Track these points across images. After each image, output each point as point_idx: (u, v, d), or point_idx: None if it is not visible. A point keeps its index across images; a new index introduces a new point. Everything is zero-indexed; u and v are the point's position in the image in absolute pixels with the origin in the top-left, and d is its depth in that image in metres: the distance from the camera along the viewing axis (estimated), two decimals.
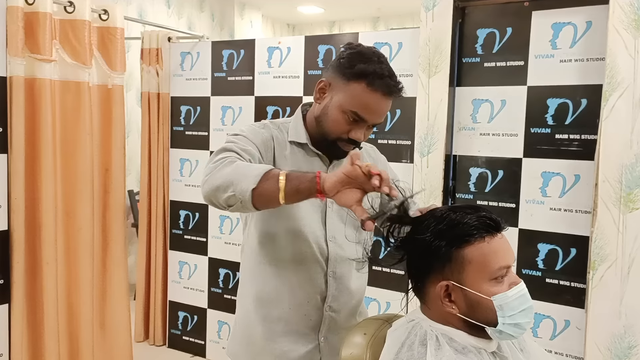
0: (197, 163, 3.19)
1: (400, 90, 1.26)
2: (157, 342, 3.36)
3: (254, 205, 1.10)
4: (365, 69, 1.22)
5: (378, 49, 1.30)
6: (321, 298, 1.38)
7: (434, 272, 1.04)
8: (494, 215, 1.03)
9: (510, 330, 1.00)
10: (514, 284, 1.02)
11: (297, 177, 1.09)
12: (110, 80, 2.56)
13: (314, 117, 1.34)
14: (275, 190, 1.08)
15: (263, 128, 1.35)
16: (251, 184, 1.08)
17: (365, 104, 1.24)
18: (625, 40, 2.02)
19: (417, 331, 1.04)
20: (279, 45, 2.86)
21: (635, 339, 2.05)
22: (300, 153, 1.36)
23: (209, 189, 1.14)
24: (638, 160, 2.02)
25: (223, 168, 1.14)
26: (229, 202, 1.12)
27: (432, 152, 2.45)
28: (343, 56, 1.28)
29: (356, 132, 1.28)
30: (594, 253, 2.10)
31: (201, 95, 3.14)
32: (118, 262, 2.69)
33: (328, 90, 1.30)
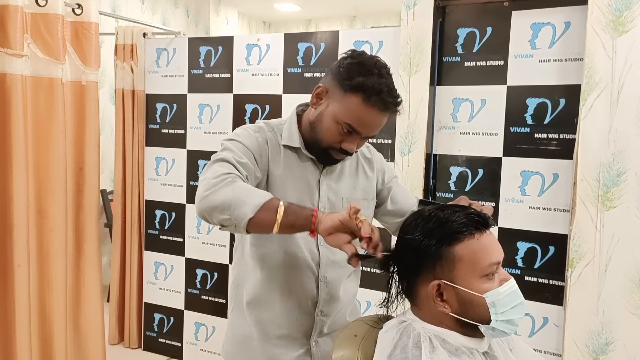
0: (173, 162, 3.13)
1: (397, 105, 1.25)
2: (132, 345, 3.28)
3: (247, 231, 1.12)
4: (364, 83, 1.19)
5: (381, 60, 1.27)
6: (312, 303, 1.37)
7: (425, 272, 1.03)
8: (481, 213, 1.03)
9: (503, 327, 1.00)
10: (505, 281, 1.02)
11: (295, 213, 1.11)
12: (85, 76, 2.49)
13: (309, 121, 1.32)
14: (272, 221, 1.10)
15: (258, 132, 1.33)
16: (249, 212, 1.09)
17: (360, 118, 1.22)
18: (603, 40, 2.05)
19: (409, 332, 1.03)
20: (257, 43, 2.82)
21: (612, 335, 2.09)
22: (294, 157, 1.34)
23: (205, 207, 1.13)
24: (615, 159, 2.05)
25: (223, 188, 1.12)
26: (223, 223, 1.12)
27: (412, 151, 2.45)
28: (343, 65, 1.25)
29: (349, 143, 1.26)
30: (572, 251, 2.13)
31: (177, 92, 3.08)
32: (92, 263, 2.62)
33: (325, 97, 1.28)
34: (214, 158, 1.23)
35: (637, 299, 2.05)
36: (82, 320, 2.66)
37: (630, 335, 2.06)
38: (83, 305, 2.64)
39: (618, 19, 2.02)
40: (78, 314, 2.64)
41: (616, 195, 2.06)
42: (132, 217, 3.23)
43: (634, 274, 2.05)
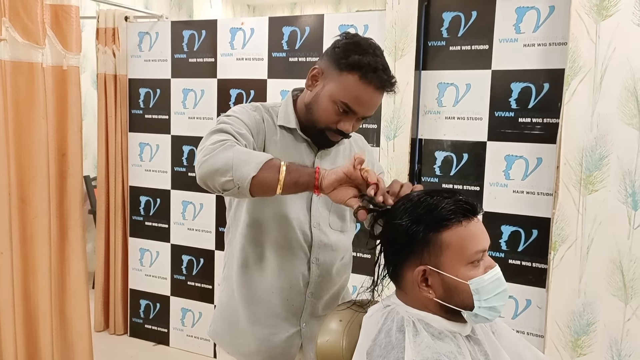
0: (157, 147, 3.10)
1: (393, 85, 1.25)
2: (118, 331, 3.28)
3: (251, 192, 1.11)
4: (360, 61, 1.20)
5: (375, 41, 1.27)
6: (303, 284, 1.38)
7: (411, 257, 1.03)
8: (470, 199, 1.03)
9: (486, 314, 1.00)
10: (489, 268, 1.02)
11: (297, 170, 1.11)
12: (66, 61, 2.43)
13: (304, 104, 1.33)
14: (275, 180, 1.09)
15: (255, 111, 1.34)
16: (252, 171, 1.09)
17: (357, 96, 1.22)
18: (587, 25, 2.05)
19: (393, 317, 1.03)
20: (241, 27, 2.79)
21: (594, 316, 2.13)
22: (289, 138, 1.35)
23: (206, 171, 1.12)
24: (598, 143, 2.08)
25: (223, 151, 1.12)
26: (225, 187, 1.11)
27: (398, 135, 2.45)
28: (338, 45, 1.25)
29: (345, 123, 1.27)
30: (555, 234, 2.16)
31: (161, 77, 3.04)
32: (76, 250, 2.59)
33: (320, 78, 1.28)
34: (213, 129, 1.23)
35: (617, 280, 2.08)
36: (68, 308, 2.63)
37: (611, 316, 2.10)
38: (68, 292, 2.62)
39: (602, 3, 2.02)
40: (63, 302, 2.62)
41: (598, 178, 2.09)
42: (117, 204, 3.20)
43: (615, 256, 2.08)
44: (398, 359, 0.95)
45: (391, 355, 0.96)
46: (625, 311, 2.08)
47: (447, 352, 0.96)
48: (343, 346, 1.05)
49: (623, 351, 2.09)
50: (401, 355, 0.95)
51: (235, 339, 1.41)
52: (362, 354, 0.99)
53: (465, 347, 1.01)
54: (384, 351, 0.98)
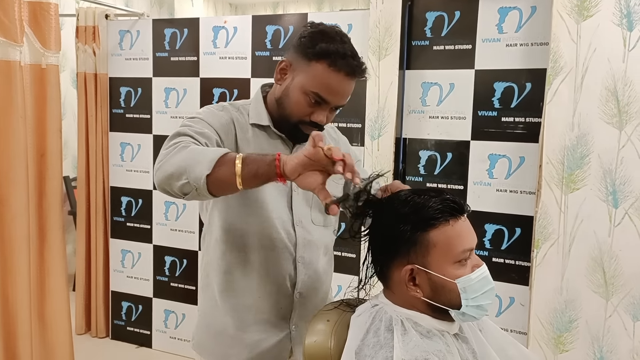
0: (139, 147, 3.06)
1: (363, 71, 1.23)
2: (100, 334, 3.23)
3: (210, 192, 1.04)
4: (327, 48, 1.18)
5: (341, 29, 1.25)
6: (291, 285, 1.34)
7: (399, 257, 1.03)
8: (457, 199, 1.03)
9: (473, 312, 1.01)
10: (477, 267, 1.02)
11: (255, 161, 1.03)
12: (45, 59, 2.39)
13: (275, 98, 1.30)
14: (232, 175, 1.02)
15: (222, 110, 1.29)
16: (205, 169, 1.02)
17: (327, 84, 1.19)
18: (568, 25, 2.07)
19: (381, 316, 1.03)
20: (224, 25, 2.77)
21: (576, 313, 2.15)
22: (263, 136, 1.31)
23: (162, 177, 1.08)
24: (579, 142, 2.10)
25: (176, 154, 1.08)
26: (184, 190, 1.05)
27: (382, 135, 2.45)
28: (304, 35, 1.23)
29: (318, 114, 1.24)
30: (538, 232, 2.18)
31: (142, 76, 3.00)
32: (56, 252, 2.55)
33: (289, 70, 1.26)
34: (172, 134, 1.18)
35: (599, 277, 2.11)
36: (47, 311, 2.59)
37: (593, 312, 2.13)
38: (48, 295, 2.57)
39: (582, 4, 2.04)
40: (43, 305, 2.57)
41: (580, 177, 2.11)
42: (97, 204, 3.15)
43: (596, 253, 2.11)
44: (387, 358, 0.95)
45: (380, 354, 0.96)
46: (607, 308, 2.11)
47: (435, 351, 0.96)
48: (331, 347, 1.04)
49: (605, 347, 2.12)
50: (390, 354, 0.95)
51: (224, 349, 1.36)
52: (351, 353, 0.99)
53: (453, 345, 1.01)
54: (372, 351, 0.97)
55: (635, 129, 2.02)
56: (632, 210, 2.04)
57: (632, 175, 2.03)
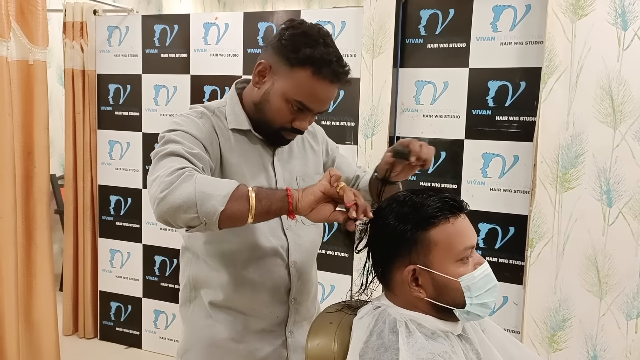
0: (128, 145, 3.01)
1: (347, 74, 1.17)
2: (88, 335, 3.18)
3: (219, 227, 1.01)
4: (312, 55, 1.11)
5: (323, 28, 1.19)
6: (285, 291, 1.30)
7: (400, 257, 1.01)
8: (456, 196, 1.02)
9: (477, 310, 0.99)
10: (479, 264, 1.01)
11: (268, 196, 1.02)
12: (32, 55, 2.34)
13: (253, 102, 1.23)
14: (245, 211, 1.00)
15: (201, 118, 1.20)
16: (219, 205, 0.98)
17: (311, 93, 1.14)
18: (563, 24, 2.07)
19: (385, 318, 1.01)
20: (215, 22, 2.73)
21: (570, 312, 2.15)
22: (244, 140, 1.25)
23: (166, 209, 1.00)
24: (574, 141, 2.10)
25: (182, 184, 1.00)
26: (190, 224, 1.00)
27: (376, 133, 2.43)
28: (285, 37, 1.15)
29: (301, 121, 1.19)
30: (532, 231, 2.18)
31: (131, 72, 2.95)
32: (43, 252, 2.50)
33: (268, 73, 1.18)
34: (162, 152, 1.08)
35: (592, 276, 2.11)
36: (34, 312, 2.54)
37: (586, 311, 2.13)
38: (35, 295, 2.52)
39: (577, 3, 2.04)
40: (30, 305, 2.52)
41: (574, 176, 2.11)
42: (85, 203, 3.10)
43: (590, 252, 2.11)
44: None
45: (385, 356, 0.94)
46: (600, 307, 2.11)
47: (441, 352, 0.95)
48: (334, 349, 1.02)
49: (598, 346, 2.12)
50: (395, 356, 0.93)
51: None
52: (355, 356, 0.97)
53: (458, 346, 1.00)
54: (377, 353, 0.95)
55: (630, 128, 2.02)
56: (626, 209, 2.05)
57: (626, 175, 2.04)
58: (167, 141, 1.11)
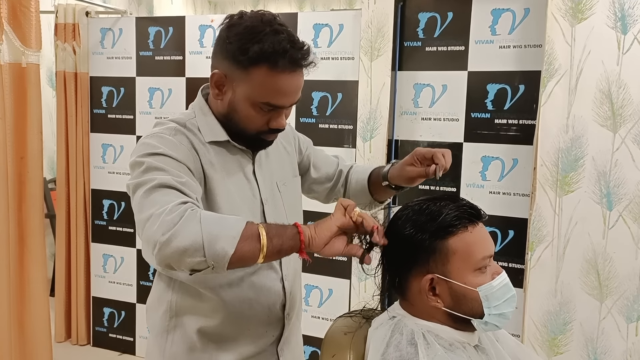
0: (121, 148, 2.97)
1: (308, 56, 1.06)
2: (81, 342, 3.13)
3: (227, 269, 0.93)
4: (262, 50, 1.01)
5: (266, 14, 1.07)
6: (280, 307, 1.23)
7: (417, 266, 0.99)
8: (474, 204, 1.00)
9: (496, 321, 0.98)
10: (497, 274, 1.00)
11: (279, 234, 0.95)
12: (25, 58, 2.29)
13: (221, 114, 1.14)
14: (257, 251, 0.93)
15: (176, 135, 1.09)
16: (229, 247, 0.90)
17: (275, 89, 1.05)
18: (562, 27, 2.07)
19: (401, 329, 0.99)
20: (211, 24, 2.70)
21: (570, 315, 2.15)
22: (223, 152, 1.15)
23: (171, 253, 0.90)
24: (573, 145, 2.10)
25: (186, 224, 0.91)
26: (196, 267, 0.92)
27: (374, 136, 2.42)
28: (230, 39, 1.04)
29: (277, 120, 1.11)
30: (532, 234, 2.17)
31: (125, 75, 2.91)
32: (37, 258, 2.46)
33: (226, 82, 1.08)
34: (149, 184, 0.97)
35: (593, 280, 2.12)
36: (27, 318, 2.49)
37: (587, 315, 2.13)
38: (28, 302, 2.48)
39: (577, 6, 2.04)
40: (22, 311, 2.47)
41: (574, 179, 2.11)
42: (78, 207, 3.05)
43: (590, 255, 2.11)
44: None
45: None
46: (601, 310, 2.12)
47: None
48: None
49: (599, 349, 2.12)
50: None
51: None
52: None
53: (475, 358, 0.98)
54: None
55: (629, 131, 2.03)
56: (626, 212, 2.05)
57: (626, 178, 2.04)
58: (149, 169, 1.01)
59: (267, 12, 1.08)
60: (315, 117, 2.52)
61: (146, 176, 1.00)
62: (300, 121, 2.54)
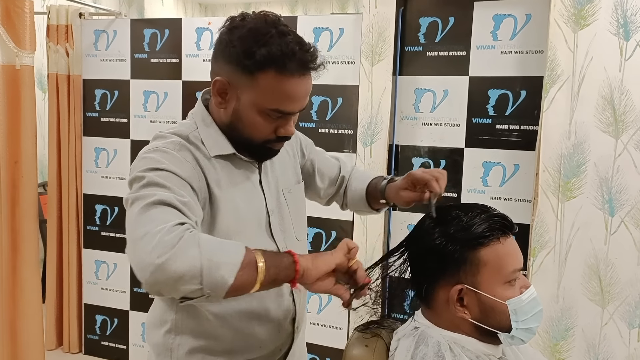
0: (115, 152, 2.92)
1: (316, 58, 1.02)
2: (73, 349, 3.06)
3: (222, 299, 0.87)
4: (269, 53, 0.96)
5: (270, 14, 1.02)
6: (291, 321, 1.19)
7: (446, 276, 0.98)
8: (506, 215, 0.99)
9: (522, 335, 0.97)
10: (525, 287, 0.99)
11: (275, 264, 0.90)
12: (19, 59, 2.24)
13: (224, 124, 1.08)
14: (253, 281, 0.87)
15: (180, 150, 1.03)
16: (229, 276, 0.84)
17: (284, 95, 1.00)
18: (565, 33, 2.08)
19: (426, 340, 0.97)
20: (209, 26, 2.67)
21: (572, 321, 2.15)
22: (229, 166, 1.10)
23: (165, 279, 0.82)
24: (576, 151, 2.10)
25: (185, 248, 0.84)
26: (191, 295, 0.85)
27: (375, 142, 2.40)
28: (233, 42, 0.99)
29: (285, 127, 1.06)
30: (534, 240, 2.17)
31: (119, 77, 2.86)
32: (30, 264, 2.40)
33: (230, 90, 1.02)
34: (148, 200, 0.90)
35: (595, 285, 2.12)
36: (19, 325, 2.43)
37: (589, 320, 2.13)
38: (20, 309, 2.42)
39: (580, 13, 2.05)
40: (14, 318, 2.41)
41: (576, 185, 2.12)
42: (70, 213, 2.98)
43: (592, 261, 2.11)
44: None
45: None
46: (603, 316, 2.12)
47: None
48: None
49: (601, 355, 2.13)
50: None
51: None
52: None
53: None
54: None
55: (632, 137, 2.03)
56: (628, 218, 2.06)
57: (628, 184, 2.05)
58: (150, 184, 0.94)
59: (271, 12, 1.03)
60: (315, 122, 2.50)
61: (146, 191, 0.93)
62: (300, 126, 2.51)
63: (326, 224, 2.50)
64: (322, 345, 2.59)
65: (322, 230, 2.52)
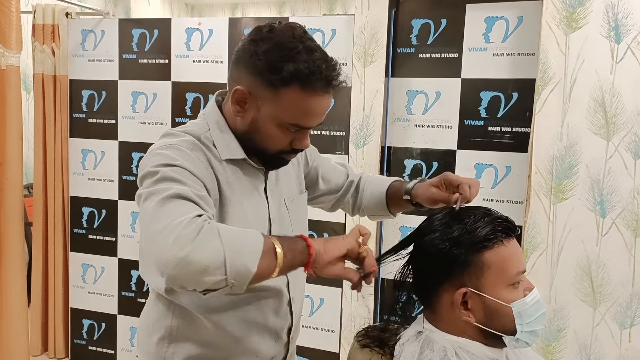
0: (102, 154, 2.87)
1: (339, 76, 1.01)
2: (58, 355, 3.00)
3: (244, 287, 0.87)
4: (296, 70, 0.95)
5: (297, 27, 1.01)
6: (287, 331, 1.18)
7: (449, 279, 0.97)
8: (509, 217, 0.98)
9: (527, 338, 0.96)
10: (529, 290, 0.98)
11: (291, 249, 0.90)
12: (4, 60, 2.20)
13: (240, 132, 1.08)
14: (273, 267, 0.88)
15: (194, 150, 1.02)
16: (252, 264, 0.84)
17: (305, 111, 1.00)
18: (557, 36, 2.09)
19: (431, 345, 0.96)
20: (199, 27, 2.64)
21: (564, 322, 2.16)
22: (238, 171, 1.09)
23: (189, 272, 0.81)
24: (567, 152, 2.12)
25: (206, 238, 0.82)
26: (215, 287, 0.84)
27: (367, 143, 2.39)
28: (259, 55, 0.98)
29: (301, 141, 1.07)
30: (527, 242, 2.18)
31: (107, 78, 2.82)
32: (15, 269, 2.35)
33: (250, 99, 1.02)
34: (164, 194, 0.89)
35: (586, 286, 2.13)
36: (4, 331, 2.39)
37: (580, 321, 2.15)
38: (4, 313, 2.37)
39: (571, 15, 2.06)
40: None
41: (568, 187, 2.13)
42: (56, 215, 2.93)
43: (584, 262, 2.13)
44: None
45: None
46: (594, 316, 2.13)
47: None
48: None
49: (592, 356, 2.14)
50: None
51: None
52: None
53: None
54: None
55: (623, 139, 2.05)
56: (619, 220, 2.08)
57: (619, 186, 2.07)
58: (164, 179, 0.92)
59: (297, 25, 1.02)
60: None
61: (160, 185, 0.91)
62: None
63: (318, 226, 2.49)
64: (314, 348, 2.57)
65: (314, 232, 2.51)
